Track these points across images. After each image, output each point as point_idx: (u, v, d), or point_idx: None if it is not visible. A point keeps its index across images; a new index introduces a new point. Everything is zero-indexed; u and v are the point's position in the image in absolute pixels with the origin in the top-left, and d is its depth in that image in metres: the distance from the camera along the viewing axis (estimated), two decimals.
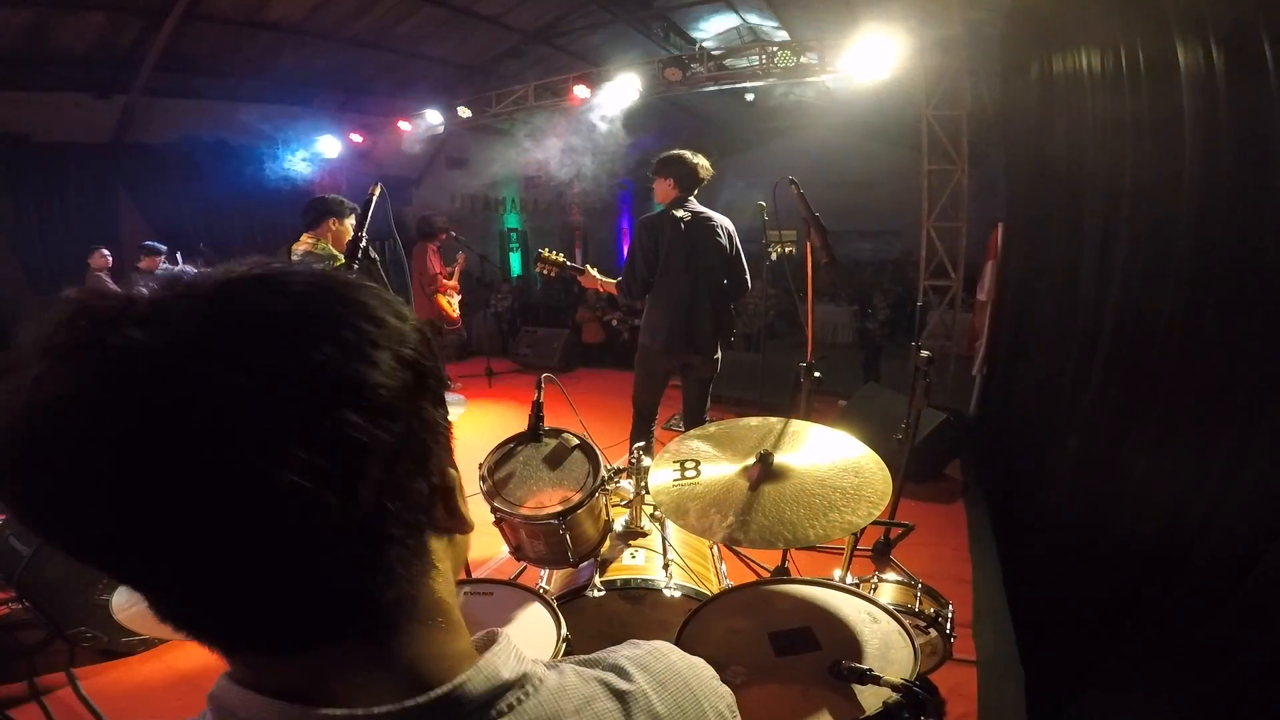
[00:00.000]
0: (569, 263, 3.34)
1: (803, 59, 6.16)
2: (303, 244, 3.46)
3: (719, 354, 3.43)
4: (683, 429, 3.21)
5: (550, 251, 3.37)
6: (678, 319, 3.30)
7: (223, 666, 0.41)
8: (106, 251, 6.42)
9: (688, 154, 3.32)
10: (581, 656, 0.52)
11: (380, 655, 0.40)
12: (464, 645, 0.45)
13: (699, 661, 0.55)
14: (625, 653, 0.52)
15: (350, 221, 3.56)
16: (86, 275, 6.29)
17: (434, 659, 0.42)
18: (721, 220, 3.37)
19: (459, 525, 0.45)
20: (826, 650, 1.28)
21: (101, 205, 7.95)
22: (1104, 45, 2.57)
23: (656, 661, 0.52)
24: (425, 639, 0.42)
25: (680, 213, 3.29)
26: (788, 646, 1.31)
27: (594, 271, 3.41)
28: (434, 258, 6.32)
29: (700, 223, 3.31)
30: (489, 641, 0.47)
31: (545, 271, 3.37)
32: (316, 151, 9.11)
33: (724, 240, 3.34)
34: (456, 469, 0.46)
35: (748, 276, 3.42)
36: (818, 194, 2.52)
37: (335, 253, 3.44)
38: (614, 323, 8.82)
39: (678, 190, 3.31)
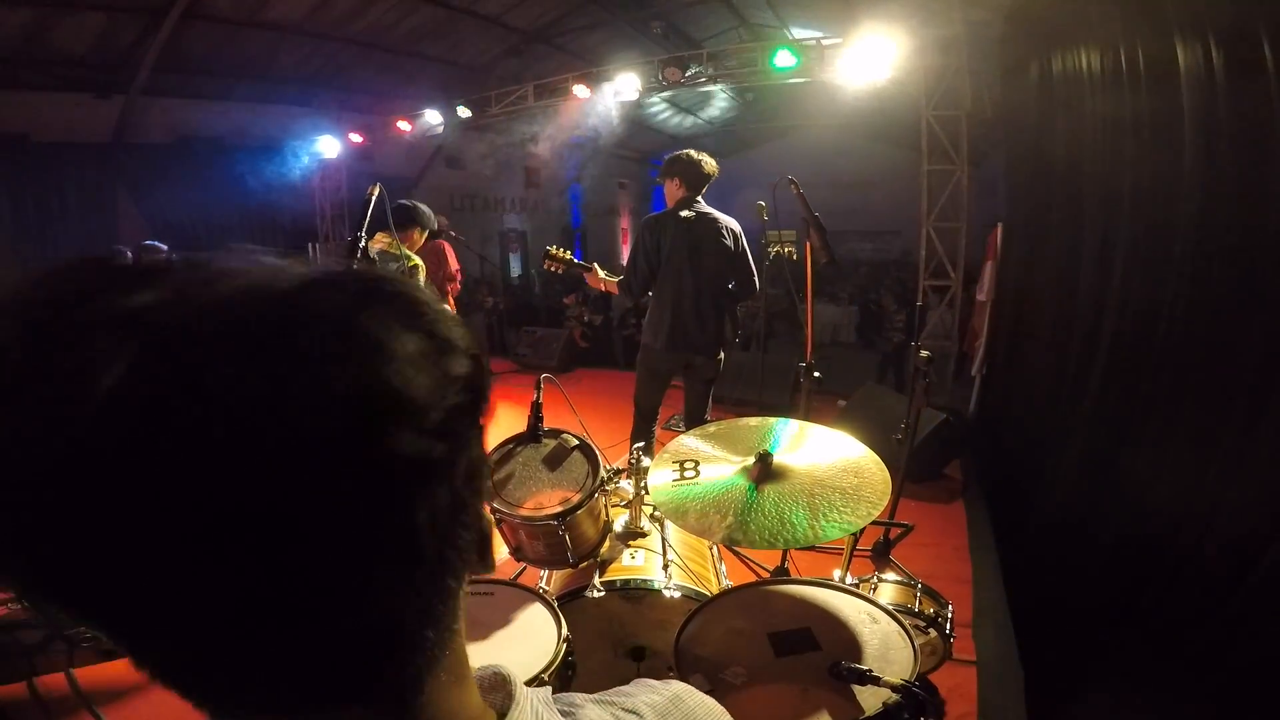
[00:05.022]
0: (576, 260, 3.35)
1: (802, 59, 6.17)
2: (379, 241, 3.31)
3: (722, 354, 3.43)
4: (683, 429, 3.21)
5: (557, 249, 3.38)
6: (679, 318, 3.30)
7: None
8: (165, 249, 6.35)
9: (692, 152, 3.34)
10: (598, 696, 0.51)
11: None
12: (476, 700, 0.42)
13: (717, 708, 0.55)
14: (644, 698, 0.52)
15: (421, 237, 3.72)
16: None
17: None
18: (727, 220, 3.36)
19: (487, 568, 0.41)
20: (826, 651, 1.28)
21: (101, 205, 7.94)
22: (1104, 45, 2.57)
23: (675, 709, 0.52)
24: (443, 699, 0.39)
25: (685, 212, 3.29)
26: (787, 647, 1.31)
27: (601, 271, 3.42)
28: (451, 256, 6.26)
29: (704, 222, 3.30)
30: (497, 687, 0.45)
31: (553, 268, 3.38)
32: (316, 151, 9.10)
33: (728, 240, 3.33)
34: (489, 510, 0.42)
35: (756, 278, 3.40)
36: (817, 194, 2.53)
37: (410, 255, 3.43)
38: (596, 322, 8.77)
39: (685, 189, 3.32)
